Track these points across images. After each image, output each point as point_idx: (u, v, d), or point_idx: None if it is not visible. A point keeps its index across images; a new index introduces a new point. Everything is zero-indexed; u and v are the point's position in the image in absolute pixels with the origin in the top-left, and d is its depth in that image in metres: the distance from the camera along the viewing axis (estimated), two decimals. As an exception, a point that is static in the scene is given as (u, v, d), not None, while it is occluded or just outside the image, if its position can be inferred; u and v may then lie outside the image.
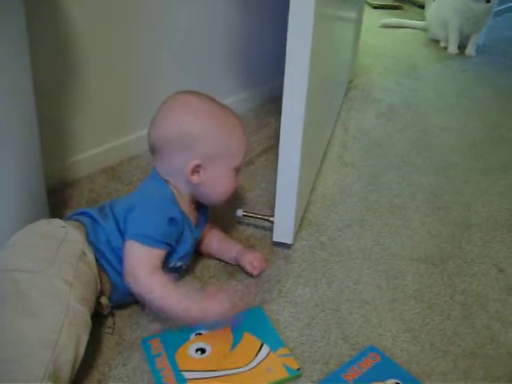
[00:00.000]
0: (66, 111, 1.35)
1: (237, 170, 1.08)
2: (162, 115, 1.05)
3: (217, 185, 1.06)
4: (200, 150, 1.02)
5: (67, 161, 1.39)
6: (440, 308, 1.08)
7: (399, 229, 1.31)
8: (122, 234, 0.98)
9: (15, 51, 0.94)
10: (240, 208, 1.28)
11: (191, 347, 0.93)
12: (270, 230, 1.20)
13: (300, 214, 1.28)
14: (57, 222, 0.98)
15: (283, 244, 1.20)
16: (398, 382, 0.89)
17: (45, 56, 1.24)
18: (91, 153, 1.44)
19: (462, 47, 2.76)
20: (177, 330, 0.97)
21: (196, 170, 1.03)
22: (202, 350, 0.93)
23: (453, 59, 2.67)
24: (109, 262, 0.97)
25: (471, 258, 1.23)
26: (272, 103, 1.89)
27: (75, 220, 1.01)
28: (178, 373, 0.88)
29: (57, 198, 1.29)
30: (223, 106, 1.09)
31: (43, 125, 1.09)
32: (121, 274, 0.96)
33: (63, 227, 0.95)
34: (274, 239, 1.20)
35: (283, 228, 1.18)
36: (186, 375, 0.88)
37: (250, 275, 1.11)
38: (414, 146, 1.74)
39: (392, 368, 0.92)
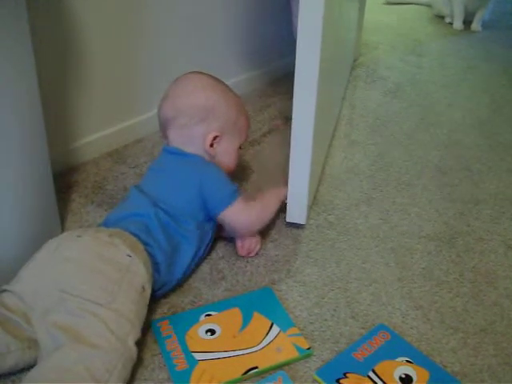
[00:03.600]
0: (71, 95, 1.34)
1: (240, 148, 1.17)
2: (177, 90, 1.11)
3: (226, 159, 1.13)
4: (216, 122, 1.10)
5: (72, 145, 1.39)
6: (449, 285, 1.08)
7: (407, 207, 1.31)
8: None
9: (17, 35, 0.93)
10: (246, 189, 1.27)
11: (201, 328, 0.94)
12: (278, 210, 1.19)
13: (312, 195, 1.26)
14: (121, 246, 0.89)
15: (292, 224, 1.19)
16: (409, 359, 0.89)
17: (48, 40, 1.23)
18: (96, 136, 1.43)
19: (467, 23, 2.73)
20: (186, 312, 0.97)
21: (214, 141, 1.10)
22: (212, 331, 0.93)
23: (458, 35, 2.64)
24: (158, 262, 0.95)
25: (480, 235, 1.22)
26: (276, 83, 1.88)
27: (125, 229, 0.95)
28: (188, 354, 0.88)
29: (62, 182, 1.29)
30: (229, 87, 1.16)
31: (47, 109, 1.08)
32: (167, 266, 0.96)
33: (128, 256, 0.89)
34: (288, 220, 1.18)
35: (297, 209, 1.17)
36: (197, 356, 0.88)
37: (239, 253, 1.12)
38: (420, 124, 1.72)
39: (402, 346, 0.92)
